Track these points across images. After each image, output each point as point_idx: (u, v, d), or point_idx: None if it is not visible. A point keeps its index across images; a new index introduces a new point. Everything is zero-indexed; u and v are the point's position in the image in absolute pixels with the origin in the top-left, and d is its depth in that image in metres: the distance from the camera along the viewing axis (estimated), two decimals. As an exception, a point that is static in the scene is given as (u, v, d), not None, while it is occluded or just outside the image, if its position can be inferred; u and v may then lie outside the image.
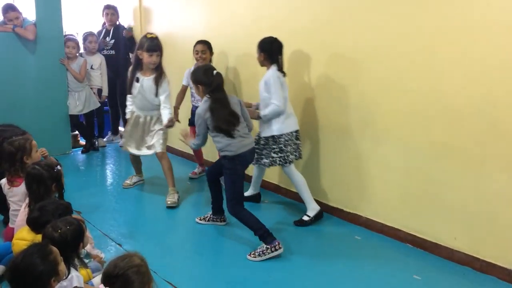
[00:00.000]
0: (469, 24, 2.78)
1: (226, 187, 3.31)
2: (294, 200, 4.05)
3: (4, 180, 3.05)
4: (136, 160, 4.44)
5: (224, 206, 3.45)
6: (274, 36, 3.59)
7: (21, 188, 2.89)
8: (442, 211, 3.07)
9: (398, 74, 3.19)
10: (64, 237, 2.18)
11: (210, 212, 3.62)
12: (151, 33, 4.01)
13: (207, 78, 3.21)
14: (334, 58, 3.59)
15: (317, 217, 3.63)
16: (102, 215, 3.76)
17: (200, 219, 3.63)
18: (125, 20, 5.92)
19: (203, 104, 3.24)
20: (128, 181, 4.42)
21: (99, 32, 5.78)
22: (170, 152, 5.31)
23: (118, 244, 3.25)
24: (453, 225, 3.01)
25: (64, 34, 5.36)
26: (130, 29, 5.73)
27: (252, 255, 3.08)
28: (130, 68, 4.07)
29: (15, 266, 1.90)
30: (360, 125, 3.48)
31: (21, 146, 3.02)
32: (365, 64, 3.37)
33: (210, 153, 4.70)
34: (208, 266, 3.04)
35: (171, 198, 3.95)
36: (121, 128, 5.98)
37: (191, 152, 4.83)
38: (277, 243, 3.07)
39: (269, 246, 3.06)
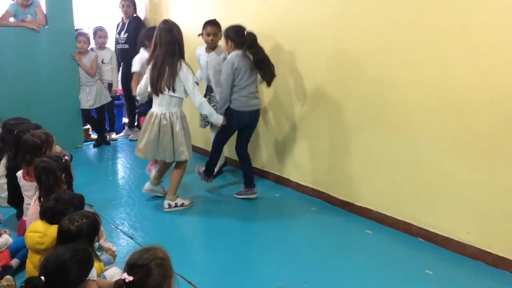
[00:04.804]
0: (482, 16, 2.74)
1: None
2: (300, 192, 4.06)
3: (20, 173, 3.09)
4: None
5: None
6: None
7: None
8: (454, 205, 3.04)
9: (410, 67, 3.15)
10: (80, 229, 2.19)
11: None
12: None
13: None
14: (345, 51, 3.57)
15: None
16: (113, 208, 3.79)
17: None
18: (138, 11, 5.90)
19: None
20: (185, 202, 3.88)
21: (117, 25, 5.79)
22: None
23: (130, 237, 3.27)
24: (466, 219, 2.99)
25: (75, 28, 5.39)
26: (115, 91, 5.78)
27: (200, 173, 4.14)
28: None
29: (57, 262, 1.85)
30: (371, 119, 3.46)
31: (46, 139, 3.09)
32: (377, 57, 3.34)
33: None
34: (219, 260, 3.04)
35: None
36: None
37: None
38: (210, 178, 4.04)
39: (203, 175, 4.06)
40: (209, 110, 3.69)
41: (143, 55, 4.54)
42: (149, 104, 4.21)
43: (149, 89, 3.64)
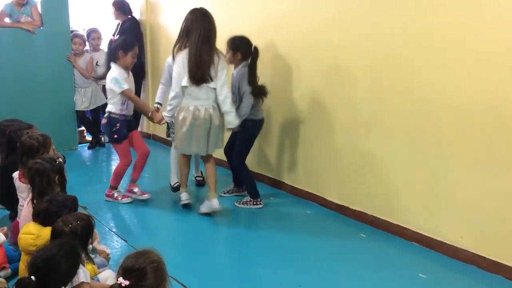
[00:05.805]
0: (476, 22, 2.76)
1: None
2: (297, 197, 4.06)
3: (16, 174, 3.07)
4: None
5: None
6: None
7: None
8: (448, 209, 3.05)
9: (405, 72, 3.17)
10: (74, 231, 2.17)
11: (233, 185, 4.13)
12: None
13: None
14: (341, 57, 3.58)
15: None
16: (107, 210, 3.77)
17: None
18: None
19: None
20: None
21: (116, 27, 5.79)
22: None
23: (124, 240, 3.26)
24: (460, 223, 3.00)
25: (70, 30, 5.38)
26: None
27: (238, 203, 3.88)
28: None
29: (45, 258, 1.86)
30: (367, 123, 3.46)
31: (43, 141, 3.06)
32: (373, 62, 3.35)
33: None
34: (214, 263, 3.04)
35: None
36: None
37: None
38: (259, 200, 3.84)
39: (251, 201, 3.84)
40: (232, 108, 3.51)
41: (120, 72, 3.81)
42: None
43: (185, 83, 3.40)
